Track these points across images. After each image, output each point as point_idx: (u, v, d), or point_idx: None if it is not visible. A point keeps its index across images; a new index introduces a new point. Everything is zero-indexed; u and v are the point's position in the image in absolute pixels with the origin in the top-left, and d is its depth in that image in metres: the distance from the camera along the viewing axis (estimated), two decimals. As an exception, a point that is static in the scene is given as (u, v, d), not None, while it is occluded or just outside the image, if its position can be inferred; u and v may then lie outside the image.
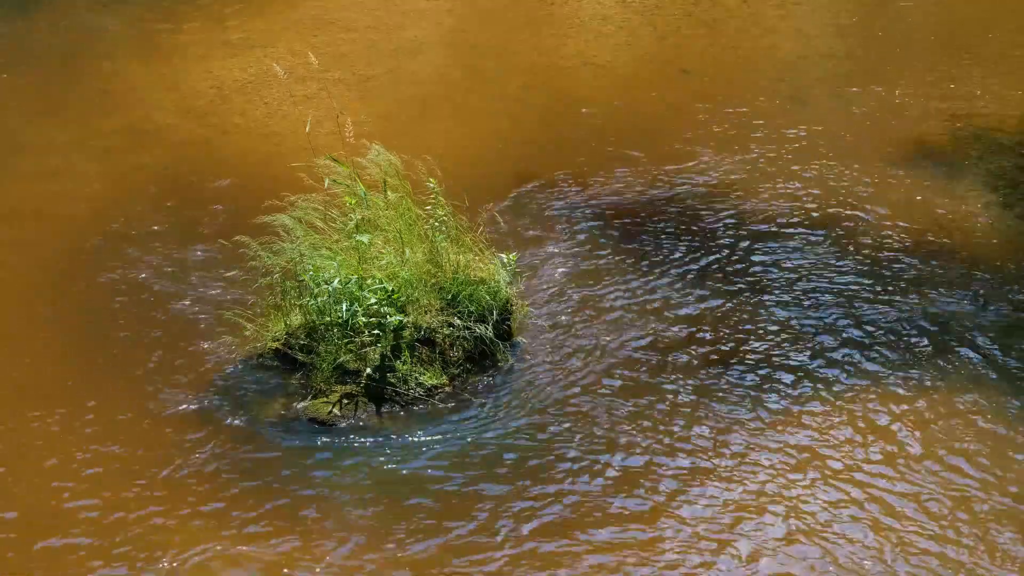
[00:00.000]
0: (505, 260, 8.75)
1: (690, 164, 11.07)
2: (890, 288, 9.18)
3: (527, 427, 7.89)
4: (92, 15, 15.05)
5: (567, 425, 7.89)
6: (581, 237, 9.97)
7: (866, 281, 9.27)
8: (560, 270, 9.49)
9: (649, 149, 11.38)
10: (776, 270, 9.44)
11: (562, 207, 10.44)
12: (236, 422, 7.97)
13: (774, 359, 8.43)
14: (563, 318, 8.91)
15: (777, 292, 9.17)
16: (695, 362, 8.45)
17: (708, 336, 8.71)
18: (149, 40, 14.25)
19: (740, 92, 12.60)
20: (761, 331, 8.73)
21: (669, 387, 8.20)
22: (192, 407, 8.10)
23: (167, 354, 8.61)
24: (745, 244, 9.80)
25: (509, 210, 9.99)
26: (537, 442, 7.76)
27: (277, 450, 7.74)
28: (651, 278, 9.39)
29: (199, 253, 9.78)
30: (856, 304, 9.00)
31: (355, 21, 14.70)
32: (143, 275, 9.58)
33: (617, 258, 9.67)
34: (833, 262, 9.52)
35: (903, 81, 12.70)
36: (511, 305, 8.66)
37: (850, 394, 8.10)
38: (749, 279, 9.34)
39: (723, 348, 8.58)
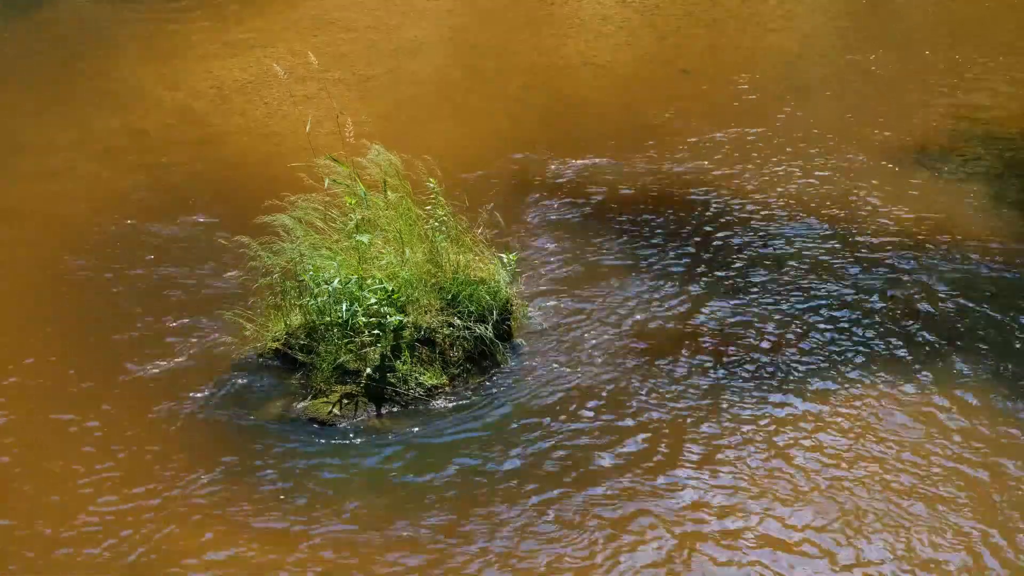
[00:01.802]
0: (505, 260, 8.76)
1: (690, 164, 11.08)
2: (888, 280, 9.20)
3: (528, 427, 7.89)
4: (92, 15, 15.06)
5: (569, 424, 7.89)
6: (581, 236, 9.97)
7: (865, 275, 9.29)
8: (560, 269, 9.50)
9: (649, 149, 11.39)
10: (776, 265, 9.45)
11: (562, 207, 10.45)
12: (236, 422, 7.97)
13: (775, 351, 8.44)
14: (563, 317, 8.91)
15: (776, 287, 9.17)
16: (696, 357, 8.45)
17: (709, 331, 8.71)
18: (149, 40, 14.26)
19: (740, 92, 12.61)
20: (762, 323, 8.73)
21: (670, 383, 8.21)
22: (192, 407, 8.10)
23: (167, 354, 8.61)
24: (745, 241, 9.81)
25: (509, 210, 9.98)
26: (538, 442, 7.76)
27: (277, 450, 7.74)
28: (651, 275, 9.39)
29: (199, 253, 9.78)
30: (854, 297, 9.01)
31: (355, 21, 14.71)
32: (142, 275, 9.58)
33: (617, 257, 9.67)
34: (832, 257, 9.53)
35: (902, 79, 12.72)
36: (511, 305, 8.66)
37: (854, 383, 8.15)
38: (748, 276, 9.34)
39: (723, 342, 8.58)
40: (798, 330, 8.70)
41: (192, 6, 15.13)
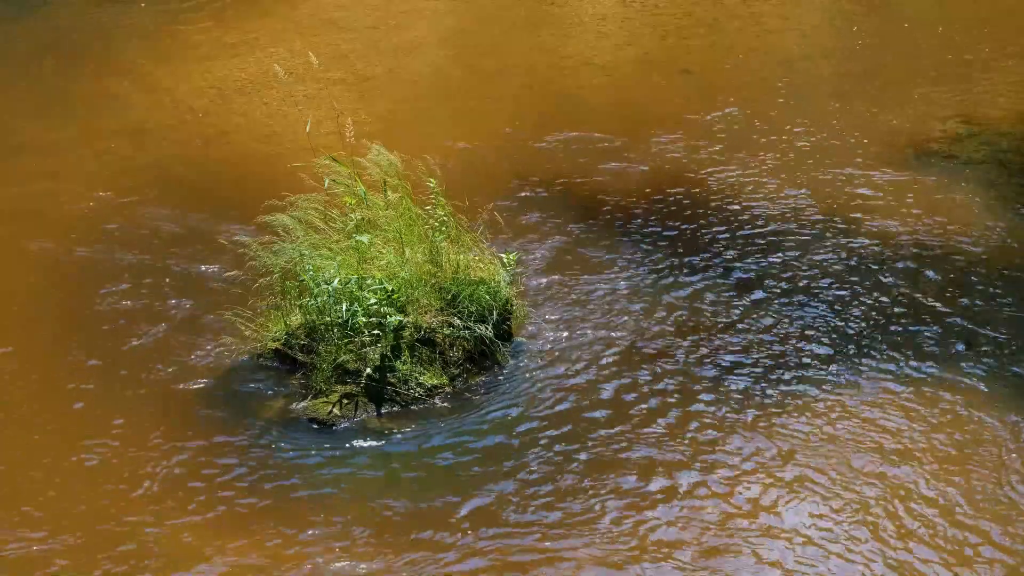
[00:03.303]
0: (505, 260, 8.76)
1: (690, 164, 11.09)
2: (887, 282, 9.20)
3: (528, 427, 7.89)
4: (92, 16, 15.06)
5: (569, 425, 7.90)
6: (581, 236, 9.98)
7: (865, 276, 9.29)
8: (560, 269, 9.50)
9: (649, 149, 11.39)
10: (774, 266, 9.46)
11: (561, 207, 10.45)
12: (235, 422, 7.97)
13: (775, 351, 8.44)
14: (563, 317, 8.92)
15: (774, 288, 9.18)
16: (698, 351, 8.47)
17: (709, 331, 8.71)
18: (149, 40, 14.26)
19: (740, 92, 12.61)
20: (760, 324, 8.74)
21: (672, 383, 8.21)
22: (191, 407, 8.10)
23: (166, 354, 8.61)
24: (743, 241, 9.81)
25: (509, 210, 9.99)
26: (538, 442, 7.76)
27: (276, 450, 7.74)
28: (650, 276, 9.39)
29: (198, 253, 9.78)
30: (853, 298, 9.02)
31: (355, 21, 14.71)
32: (142, 275, 9.58)
33: (616, 257, 9.67)
34: (831, 258, 9.53)
35: (903, 80, 12.71)
36: (511, 305, 8.66)
37: (852, 369, 8.26)
38: (747, 275, 9.35)
39: (723, 342, 8.59)
40: (795, 316, 8.77)
41: (192, 6, 15.13)
